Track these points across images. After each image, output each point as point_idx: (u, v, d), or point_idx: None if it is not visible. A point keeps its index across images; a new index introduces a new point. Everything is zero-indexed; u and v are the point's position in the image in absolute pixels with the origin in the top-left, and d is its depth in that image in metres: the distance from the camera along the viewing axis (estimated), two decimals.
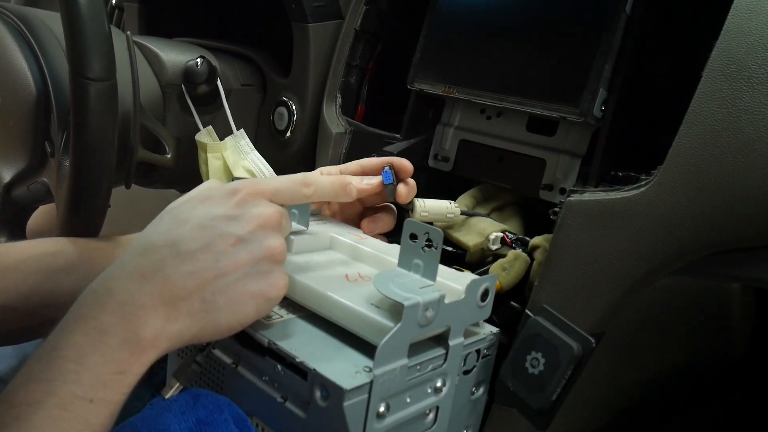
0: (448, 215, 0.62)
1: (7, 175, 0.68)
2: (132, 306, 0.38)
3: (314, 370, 0.42)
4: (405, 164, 0.57)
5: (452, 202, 0.63)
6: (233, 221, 0.42)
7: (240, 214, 0.42)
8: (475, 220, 0.64)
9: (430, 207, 0.61)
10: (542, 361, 0.51)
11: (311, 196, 0.48)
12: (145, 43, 0.79)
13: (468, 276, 0.52)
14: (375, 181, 0.56)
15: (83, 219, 0.58)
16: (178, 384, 0.44)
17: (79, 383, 0.35)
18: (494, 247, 0.61)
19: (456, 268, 0.56)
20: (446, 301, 0.45)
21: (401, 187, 0.56)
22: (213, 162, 0.80)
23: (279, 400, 0.45)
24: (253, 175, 0.80)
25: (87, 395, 0.35)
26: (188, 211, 0.43)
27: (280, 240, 0.43)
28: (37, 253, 0.56)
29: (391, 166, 0.57)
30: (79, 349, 0.36)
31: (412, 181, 0.58)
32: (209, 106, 0.82)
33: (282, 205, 0.45)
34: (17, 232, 0.71)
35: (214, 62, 0.81)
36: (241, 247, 0.41)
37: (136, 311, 0.38)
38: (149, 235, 0.42)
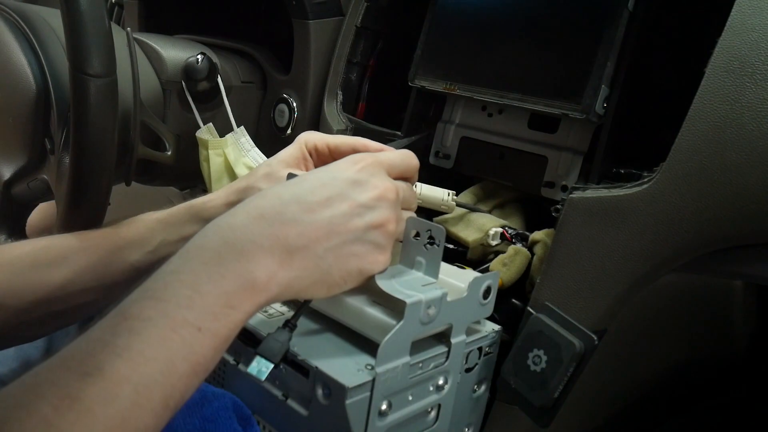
0: (442, 207, 0.62)
1: (7, 173, 0.68)
2: (250, 244, 0.39)
3: (316, 367, 0.42)
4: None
5: (451, 192, 0.62)
6: (354, 185, 0.43)
7: (362, 180, 0.44)
8: (474, 215, 0.64)
9: (425, 194, 0.61)
10: (544, 358, 0.51)
11: (416, 172, 0.51)
12: (146, 40, 0.79)
13: (470, 273, 0.52)
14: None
15: (83, 216, 0.57)
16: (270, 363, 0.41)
17: (190, 309, 0.35)
18: (494, 243, 0.61)
19: (458, 266, 0.56)
20: (448, 298, 0.45)
21: None
22: (215, 159, 0.80)
23: (280, 397, 0.45)
24: None
25: (197, 322, 0.35)
26: (313, 173, 0.45)
27: (395, 214, 0.44)
28: (28, 249, 0.56)
29: None
30: (195, 276, 0.37)
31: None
32: (209, 103, 0.82)
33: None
34: (17, 230, 0.71)
35: (215, 59, 0.80)
36: (358, 213, 0.42)
37: (253, 250, 0.38)
38: (275, 186, 0.44)
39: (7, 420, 0.30)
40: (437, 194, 0.62)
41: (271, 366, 0.41)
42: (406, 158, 0.49)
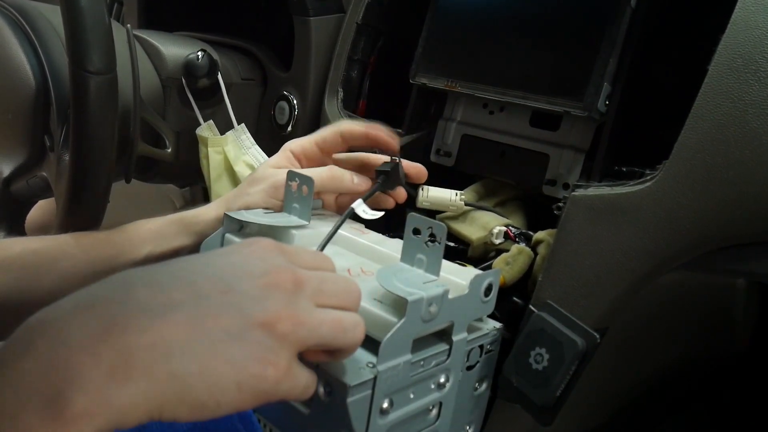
0: (451, 207, 0.62)
1: (6, 170, 0.67)
2: (64, 348, 0.27)
3: (317, 366, 0.42)
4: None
5: (458, 193, 0.62)
6: (234, 267, 0.33)
7: (248, 262, 0.33)
8: (478, 213, 0.64)
9: (432, 197, 0.61)
10: (546, 356, 0.51)
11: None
12: (146, 37, 0.78)
13: (471, 271, 0.52)
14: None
15: (83, 214, 0.57)
16: None
17: None
18: (497, 242, 0.61)
19: (459, 263, 0.56)
20: (450, 296, 0.45)
21: (410, 167, 0.60)
22: (214, 156, 0.80)
23: None
24: (253, 169, 0.80)
25: None
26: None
27: (292, 311, 0.33)
28: (19, 250, 0.55)
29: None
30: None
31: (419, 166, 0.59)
32: (210, 100, 0.82)
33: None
34: (16, 227, 0.71)
35: (215, 56, 0.80)
36: (230, 299, 0.31)
37: (68, 357, 0.27)
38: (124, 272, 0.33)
39: None
40: (445, 195, 0.62)
41: None
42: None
